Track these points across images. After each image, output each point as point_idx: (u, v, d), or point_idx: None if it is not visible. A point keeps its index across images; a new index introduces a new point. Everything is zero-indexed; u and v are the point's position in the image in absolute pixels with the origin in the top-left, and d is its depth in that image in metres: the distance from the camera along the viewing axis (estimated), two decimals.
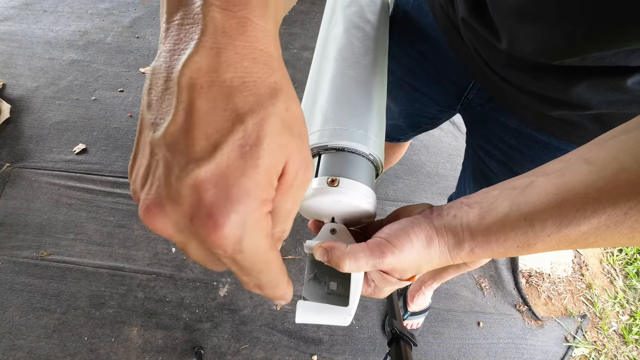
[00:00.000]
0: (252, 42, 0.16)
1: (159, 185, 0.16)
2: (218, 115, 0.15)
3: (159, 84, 0.16)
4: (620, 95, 0.34)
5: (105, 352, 1.08)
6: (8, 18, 1.75)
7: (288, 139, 0.17)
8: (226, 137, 0.15)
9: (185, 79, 0.15)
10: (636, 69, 0.31)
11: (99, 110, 1.50)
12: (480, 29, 0.38)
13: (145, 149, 0.17)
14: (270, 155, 0.16)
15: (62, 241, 1.23)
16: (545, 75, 0.37)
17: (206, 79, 0.15)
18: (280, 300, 0.21)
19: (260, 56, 0.16)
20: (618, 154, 0.22)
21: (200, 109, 0.15)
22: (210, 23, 0.15)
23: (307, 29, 1.77)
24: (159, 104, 0.16)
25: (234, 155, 0.15)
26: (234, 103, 0.15)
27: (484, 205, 0.26)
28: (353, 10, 0.47)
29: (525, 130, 0.47)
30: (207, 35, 0.15)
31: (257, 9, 0.16)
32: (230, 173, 0.15)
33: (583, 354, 1.17)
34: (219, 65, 0.15)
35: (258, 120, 0.15)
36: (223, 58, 0.15)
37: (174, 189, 0.15)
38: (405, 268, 0.28)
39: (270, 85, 0.16)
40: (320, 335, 1.13)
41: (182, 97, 0.15)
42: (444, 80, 0.53)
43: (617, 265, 1.33)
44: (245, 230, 0.16)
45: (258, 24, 0.16)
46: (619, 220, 0.21)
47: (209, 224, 0.15)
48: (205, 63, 0.15)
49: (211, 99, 0.15)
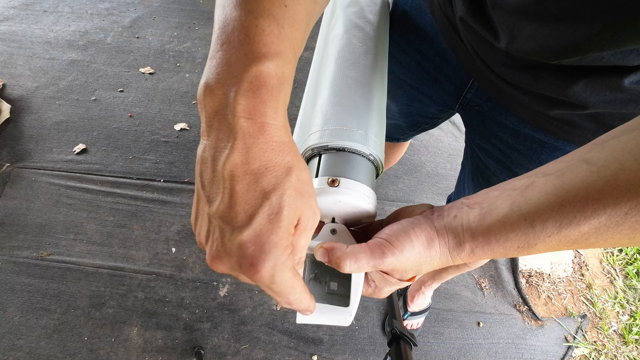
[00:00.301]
0: (270, 138, 0.22)
1: (217, 244, 0.23)
2: (251, 195, 0.22)
3: (208, 172, 0.23)
4: (617, 95, 0.34)
5: (105, 352, 1.08)
6: (8, 18, 1.75)
7: (300, 201, 0.23)
8: (258, 210, 0.22)
9: (227, 172, 0.22)
10: (634, 69, 0.31)
11: (99, 110, 1.50)
12: (478, 27, 0.38)
13: (205, 216, 0.24)
14: (288, 217, 0.22)
15: (62, 241, 1.23)
16: (543, 74, 0.37)
17: (241, 170, 0.21)
18: (306, 311, 0.27)
19: (277, 146, 0.22)
20: (618, 154, 0.22)
21: (239, 192, 0.22)
22: (240, 130, 0.21)
23: None
24: (210, 186, 0.23)
25: (264, 222, 0.22)
26: (261, 185, 0.22)
27: (485, 205, 0.26)
28: (353, 10, 0.47)
29: (523, 130, 0.47)
30: (238, 140, 0.21)
31: (270, 114, 0.22)
32: (263, 234, 0.22)
33: (583, 354, 1.17)
34: (249, 160, 0.22)
35: (279, 195, 0.22)
36: (251, 154, 0.22)
37: (227, 247, 0.22)
38: (405, 269, 0.28)
39: (285, 165, 0.23)
40: (320, 335, 1.13)
41: (226, 184, 0.22)
42: (442, 80, 0.53)
43: (617, 265, 1.33)
44: (276, 270, 0.22)
45: (273, 124, 0.22)
46: (620, 220, 0.21)
47: (251, 270, 0.22)
48: (240, 159, 0.21)
49: (245, 184, 0.22)
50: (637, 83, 0.32)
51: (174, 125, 1.48)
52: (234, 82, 0.21)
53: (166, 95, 1.56)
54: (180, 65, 1.65)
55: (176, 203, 1.32)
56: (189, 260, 1.22)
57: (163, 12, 1.81)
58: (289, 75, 0.23)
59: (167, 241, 1.25)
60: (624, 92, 0.33)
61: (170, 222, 1.28)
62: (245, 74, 0.21)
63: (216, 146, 0.22)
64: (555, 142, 0.45)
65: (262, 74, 0.21)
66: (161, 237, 1.26)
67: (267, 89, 0.22)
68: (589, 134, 0.40)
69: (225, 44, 0.22)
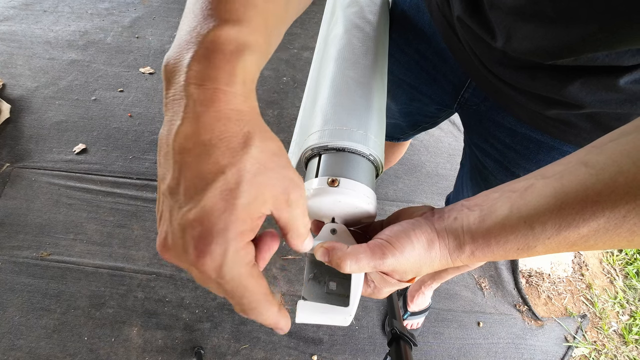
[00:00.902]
0: (224, 106, 0.20)
1: (166, 225, 0.20)
2: (203, 168, 0.19)
3: (163, 148, 0.21)
4: (613, 95, 0.34)
5: (105, 352, 1.08)
6: (8, 18, 1.75)
7: (265, 175, 0.20)
8: (210, 185, 0.19)
9: (177, 145, 0.19)
10: (629, 69, 0.31)
11: (99, 110, 1.50)
12: (475, 27, 0.38)
13: (159, 197, 0.22)
14: (248, 195, 0.19)
15: (62, 241, 1.23)
16: (539, 74, 0.37)
17: (191, 142, 0.19)
18: (276, 329, 0.24)
19: (233, 115, 0.20)
20: (616, 157, 0.22)
21: (189, 165, 0.19)
22: (189, 98, 0.20)
23: (307, 29, 1.77)
24: (164, 163, 0.20)
25: (216, 199, 0.19)
26: (214, 157, 0.19)
27: (484, 208, 0.26)
28: (353, 10, 0.47)
29: (520, 129, 0.47)
30: (188, 108, 0.20)
31: (224, 79, 0.20)
32: (213, 213, 0.19)
33: (583, 354, 1.17)
34: (199, 130, 0.19)
35: (235, 169, 0.19)
36: (201, 124, 0.19)
37: (172, 229, 0.20)
38: (405, 270, 0.28)
39: (243, 136, 0.20)
40: (320, 335, 1.13)
41: (176, 157, 0.20)
42: (441, 79, 0.54)
43: (617, 265, 1.33)
44: (225, 259, 0.19)
45: (228, 91, 0.20)
46: (618, 223, 0.21)
47: (194, 254, 0.19)
48: (189, 130, 0.19)
49: (195, 156, 0.19)
50: (632, 83, 0.32)
51: None
52: (189, 48, 0.20)
53: None
54: None
55: None
56: None
57: (163, 12, 1.81)
58: (256, 44, 0.21)
59: None
60: (619, 92, 0.33)
61: None
62: (202, 40, 0.20)
63: (170, 119, 0.20)
64: (551, 142, 0.45)
65: (219, 38, 0.20)
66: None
67: (224, 54, 0.20)
68: (585, 133, 0.40)
69: (191, 12, 0.21)
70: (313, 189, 0.32)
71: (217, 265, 0.19)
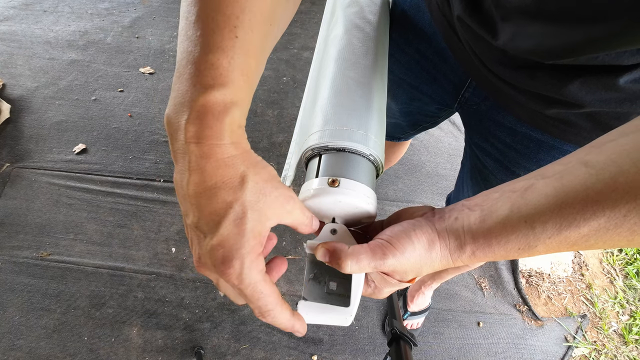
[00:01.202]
0: (220, 156, 0.24)
1: (197, 251, 0.26)
2: (214, 206, 0.24)
3: (180, 192, 0.26)
4: (613, 94, 0.34)
5: (105, 352, 1.08)
6: (8, 18, 1.75)
7: (263, 201, 0.26)
8: (223, 218, 0.24)
9: (191, 191, 0.25)
10: (628, 68, 0.31)
11: (99, 110, 1.50)
12: (475, 26, 0.38)
13: (187, 228, 0.28)
14: (252, 220, 0.25)
15: (62, 241, 1.23)
16: (539, 73, 0.37)
17: (200, 188, 0.24)
18: (293, 331, 0.29)
19: (228, 161, 0.25)
20: (616, 157, 0.22)
21: (203, 206, 0.25)
22: (192, 154, 0.24)
23: (307, 29, 1.77)
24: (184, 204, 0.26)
25: (230, 227, 0.24)
26: (222, 197, 0.24)
27: (485, 208, 0.26)
28: (353, 10, 0.47)
29: (520, 129, 0.47)
30: (192, 162, 0.24)
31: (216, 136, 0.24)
32: (230, 238, 0.24)
33: (583, 354, 1.17)
34: (205, 178, 0.24)
35: (240, 202, 0.25)
36: (206, 174, 0.24)
37: (203, 252, 0.26)
38: (406, 270, 0.28)
39: (240, 176, 0.25)
40: (320, 335, 1.13)
41: (192, 201, 0.25)
42: (441, 79, 0.54)
43: (617, 265, 1.33)
44: (243, 269, 0.24)
45: (220, 144, 0.24)
46: (618, 222, 0.21)
47: (222, 268, 0.24)
48: (197, 179, 0.24)
49: (207, 198, 0.24)
50: (632, 82, 0.32)
51: None
52: (184, 112, 0.24)
53: (166, 95, 1.56)
54: None
55: (176, 203, 1.32)
56: (189, 260, 1.22)
57: (163, 12, 1.81)
58: (238, 101, 0.25)
59: (167, 241, 1.25)
60: (619, 91, 0.33)
61: (170, 222, 1.28)
62: (194, 104, 0.24)
63: (181, 170, 0.25)
64: (552, 141, 0.45)
65: (208, 103, 0.24)
66: (161, 237, 1.26)
67: (213, 115, 0.24)
68: (585, 132, 0.40)
69: (181, 77, 0.25)
70: (313, 189, 0.32)
71: (238, 274, 0.24)
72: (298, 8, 0.35)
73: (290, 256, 1.25)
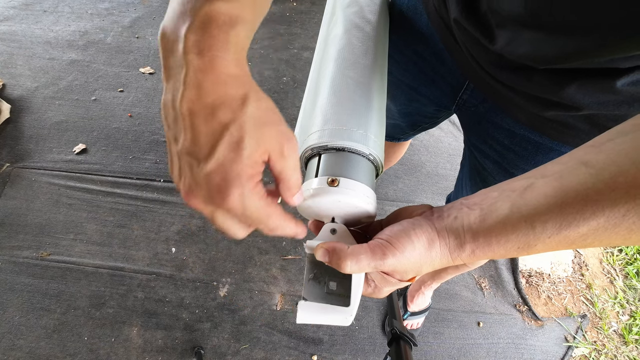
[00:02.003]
0: (221, 71, 0.22)
1: (188, 178, 0.24)
2: (210, 127, 0.22)
3: (170, 113, 0.24)
4: (610, 96, 0.34)
5: (105, 352, 1.08)
6: (8, 18, 1.75)
7: (262, 130, 0.24)
8: (219, 141, 0.22)
9: (185, 109, 0.22)
10: (625, 71, 0.32)
11: (99, 110, 1.50)
12: (472, 29, 0.39)
13: (175, 155, 0.25)
14: (250, 146, 0.23)
15: (62, 241, 1.23)
16: (536, 76, 0.37)
17: (196, 105, 0.22)
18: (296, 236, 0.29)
19: (229, 79, 0.23)
20: (616, 157, 0.22)
21: (198, 126, 0.22)
22: (189, 65, 0.22)
23: (307, 29, 1.77)
24: (174, 126, 0.24)
25: (226, 151, 0.22)
26: (218, 117, 0.22)
27: (484, 207, 0.26)
28: (353, 10, 0.47)
29: (518, 131, 0.47)
30: (188, 75, 0.22)
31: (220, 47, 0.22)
32: (226, 163, 0.23)
33: (583, 354, 1.17)
34: (201, 94, 0.22)
35: (237, 125, 0.23)
36: (203, 89, 0.22)
37: (197, 180, 0.23)
38: (406, 269, 0.28)
39: (241, 97, 0.23)
40: (320, 335, 1.13)
41: (185, 121, 0.23)
42: (439, 80, 0.54)
43: (617, 265, 1.33)
44: (244, 197, 0.23)
45: (223, 57, 0.22)
46: (617, 222, 0.21)
47: (220, 197, 0.23)
48: (193, 95, 0.22)
49: (202, 118, 0.22)
50: (629, 85, 0.33)
51: None
52: (185, 21, 0.22)
53: None
54: None
55: (176, 203, 1.32)
56: (189, 260, 1.22)
57: (163, 12, 1.81)
58: (244, 17, 0.23)
59: (167, 241, 1.25)
60: (616, 94, 0.34)
61: (170, 222, 1.28)
62: (197, 13, 0.22)
63: (173, 87, 0.23)
64: (550, 143, 0.45)
65: (212, 12, 0.22)
66: (161, 237, 1.26)
67: (217, 25, 0.22)
68: (584, 134, 0.41)
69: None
70: (313, 189, 0.32)
71: (241, 202, 0.23)
72: (298, 8, 0.35)
73: (290, 256, 1.25)
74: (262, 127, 0.24)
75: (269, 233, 0.27)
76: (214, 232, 1.27)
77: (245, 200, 0.23)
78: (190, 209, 1.30)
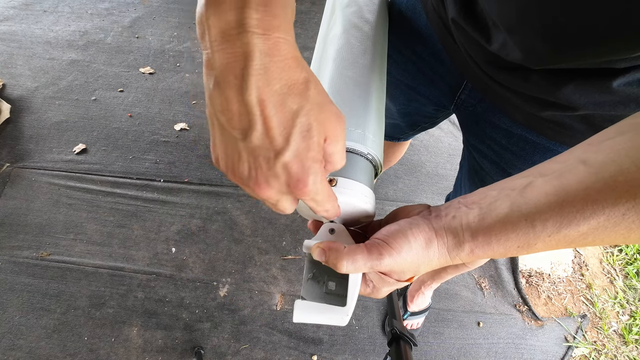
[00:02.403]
0: (286, 54, 0.21)
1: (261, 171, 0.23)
2: (281, 117, 0.22)
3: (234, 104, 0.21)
4: (607, 97, 0.34)
5: (105, 352, 1.08)
6: (8, 18, 1.75)
7: (323, 113, 0.24)
8: (292, 131, 0.22)
9: (254, 98, 0.21)
10: (621, 71, 0.32)
11: (99, 110, 1.50)
12: (469, 29, 0.39)
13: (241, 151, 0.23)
14: (318, 132, 0.23)
15: (62, 241, 1.24)
16: (533, 77, 0.37)
17: (266, 93, 0.21)
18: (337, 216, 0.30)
19: (292, 63, 0.22)
20: (615, 156, 0.22)
21: (270, 117, 0.21)
22: (256, 49, 0.20)
23: (307, 29, 1.77)
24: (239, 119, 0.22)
25: (299, 140, 0.22)
26: (288, 105, 0.22)
27: (483, 205, 0.26)
28: (352, 10, 0.47)
29: (516, 131, 0.47)
30: (255, 60, 0.20)
31: (284, 28, 0.21)
32: (301, 152, 0.23)
33: (583, 354, 1.17)
34: (270, 81, 0.21)
35: (305, 112, 0.22)
36: (270, 75, 0.21)
37: (274, 171, 0.23)
38: (403, 269, 0.28)
39: (303, 81, 0.22)
40: (320, 335, 1.13)
41: (255, 111, 0.21)
42: (438, 80, 0.54)
43: (617, 265, 1.33)
44: (317, 183, 0.24)
45: (287, 39, 0.21)
46: (617, 221, 0.21)
47: (299, 186, 0.23)
48: (262, 82, 0.20)
49: (273, 107, 0.21)
50: (625, 85, 0.33)
51: (174, 125, 1.48)
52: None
53: (166, 95, 1.56)
54: (180, 65, 1.65)
55: (176, 203, 1.32)
56: (189, 260, 1.22)
57: (163, 12, 1.82)
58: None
59: (167, 241, 1.25)
60: (612, 94, 0.34)
61: (170, 222, 1.28)
62: None
63: (232, 73, 0.20)
64: (547, 143, 0.45)
65: None
66: (161, 237, 1.26)
67: (278, 2, 0.20)
68: (580, 134, 0.41)
69: None
70: None
71: (315, 187, 0.24)
72: (298, 8, 0.35)
73: (290, 256, 1.24)
74: (323, 111, 0.24)
75: (320, 213, 0.28)
76: (214, 232, 1.27)
77: (318, 184, 0.24)
78: (191, 209, 1.30)
